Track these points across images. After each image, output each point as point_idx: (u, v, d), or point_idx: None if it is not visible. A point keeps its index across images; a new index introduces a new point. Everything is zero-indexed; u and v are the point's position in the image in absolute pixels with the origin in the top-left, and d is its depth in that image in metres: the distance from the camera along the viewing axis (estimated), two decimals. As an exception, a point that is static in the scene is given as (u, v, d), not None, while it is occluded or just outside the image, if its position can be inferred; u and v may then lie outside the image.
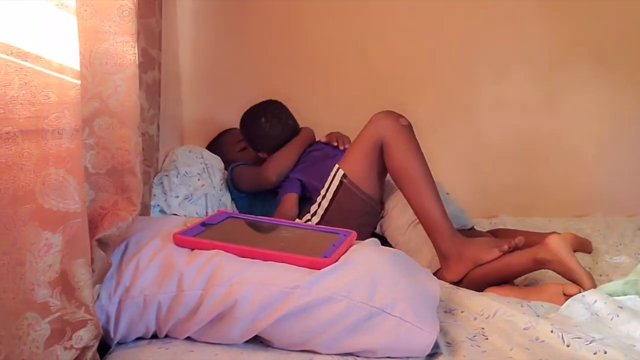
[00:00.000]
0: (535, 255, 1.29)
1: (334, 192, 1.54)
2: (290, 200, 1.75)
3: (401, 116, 1.49)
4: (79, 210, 0.83)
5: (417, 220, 1.53)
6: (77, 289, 0.84)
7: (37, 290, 0.80)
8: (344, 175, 1.53)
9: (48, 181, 0.80)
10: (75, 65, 0.82)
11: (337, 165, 1.57)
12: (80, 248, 0.84)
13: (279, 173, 1.82)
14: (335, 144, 1.89)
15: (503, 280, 1.37)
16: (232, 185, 1.91)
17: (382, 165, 1.52)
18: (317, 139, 1.96)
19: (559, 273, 1.28)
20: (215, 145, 2.07)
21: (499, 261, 1.34)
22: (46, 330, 0.82)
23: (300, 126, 1.98)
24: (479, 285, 1.35)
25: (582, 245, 1.59)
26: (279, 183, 1.83)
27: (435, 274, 1.40)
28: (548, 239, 1.28)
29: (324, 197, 1.57)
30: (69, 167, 0.82)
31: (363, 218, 1.56)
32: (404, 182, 1.45)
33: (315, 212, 1.58)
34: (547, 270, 1.33)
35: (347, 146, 1.86)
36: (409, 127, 1.48)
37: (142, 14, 1.37)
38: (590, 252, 1.61)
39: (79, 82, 0.83)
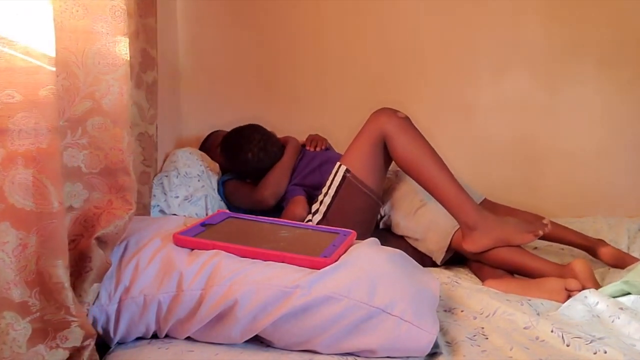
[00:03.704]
0: (561, 272, 1.32)
1: (337, 187, 1.55)
2: (299, 202, 1.73)
3: (397, 110, 1.53)
4: (55, 211, 0.82)
5: (415, 209, 1.59)
6: (55, 291, 0.83)
7: (13, 290, 0.80)
8: (347, 170, 1.53)
9: (17, 180, 0.80)
10: (49, 65, 0.81)
11: (338, 163, 1.57)
12: (58, 250, 0.83)
13: (276, 194, 1.79)
14: (311, 148, 1.90)
15: (512, 270, 1.43)
16: (225, 200, 1.88)
17: (383, 161, 1.54)
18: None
19: None
20: (202, 149, 2.04)
21: (530, 260, 1.39)
22: (27, 330, 0.82)
23: (281, 137, 1.95)
24: (495, 265, 1.42)
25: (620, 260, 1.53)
26: (276, 202, 1.81)
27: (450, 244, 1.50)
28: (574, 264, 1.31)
29: (326, 194, 1.57)
30: (41, 168, 0.81)
31: (365, 213, 1.57)
32: (413, 170, 1.48)
33: (317, 209, 1.58)
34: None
35: (323, 148, 1.92)
36: (407, 119, 1.52)
37: (142, 14, 1.37)
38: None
39: (52, 81, 0.81)
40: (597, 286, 1.27)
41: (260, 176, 1.84)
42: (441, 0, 2.15)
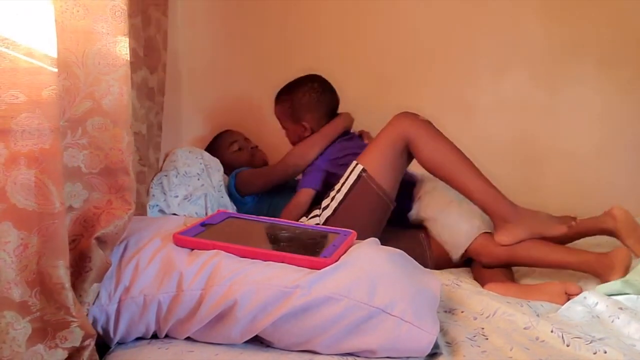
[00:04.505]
0: (603, 261, 1.32)
1: (351, 185, 1.54)
2: (305, 195, 1.73)
3: (418, 114, 1.55)
4: (56, 211, 0.82)
5: (444, 206, 1.58)
6: (55, 291, 0.83)
7: (14, 290, 0.81)
8: (363, 170, 1.53)
9: (20, 181, 0.80)
10: (51, 66, 0.81)
11: (355, 161, 1.56)
12: (59, 250, 0.84)
13: (299, 165, 1.81)
14: (364, 139, 1.88)
15: (543, 267, 1.44)
16: (236, 191, 1.88)
17: (401, 165, 1.55)
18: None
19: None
20: (210, 149, 2.04)
21: (567, 254, 1.39)
22: (27, 329, 0.82)
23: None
24: (522, 260, 1.44)
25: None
26: (299, 172, 1.81)
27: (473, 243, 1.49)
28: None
29: (338, 190, 1.56)
30: (43, 168, 0.81)
31: (376, 214, 1.56)
32: (441, 171, 1.49)
33: (328, 205, 1.56)
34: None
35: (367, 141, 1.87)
36: (429, 122, 1.53)
37: (130, 14, 1.36)
38: None
39: (54, 82, 0.81)
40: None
41: (318, 121, 1.83)
42: (441, 0, 2.15)
